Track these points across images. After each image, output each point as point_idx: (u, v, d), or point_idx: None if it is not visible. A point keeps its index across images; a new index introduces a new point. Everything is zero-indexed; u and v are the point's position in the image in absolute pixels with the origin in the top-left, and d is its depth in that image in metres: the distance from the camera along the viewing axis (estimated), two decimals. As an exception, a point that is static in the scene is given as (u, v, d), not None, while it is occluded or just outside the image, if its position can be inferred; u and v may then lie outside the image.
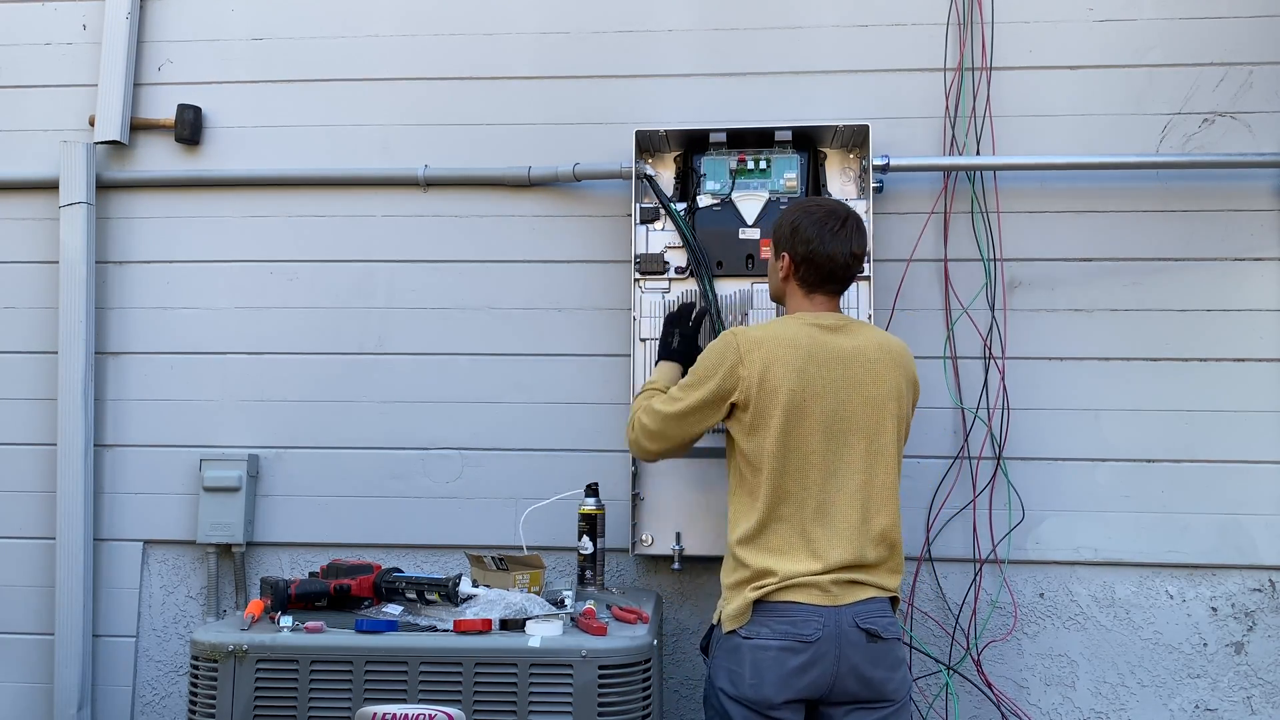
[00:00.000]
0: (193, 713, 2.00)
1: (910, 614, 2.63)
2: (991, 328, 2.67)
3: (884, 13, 2.79)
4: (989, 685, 2.59)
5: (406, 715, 1.92)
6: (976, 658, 2.60)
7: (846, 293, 2.46)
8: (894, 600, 2.07)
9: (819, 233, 2.10)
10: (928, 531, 2.64)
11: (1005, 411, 2.64)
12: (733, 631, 2.00)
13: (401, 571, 2.24)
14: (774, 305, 2.56)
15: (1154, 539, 2.62)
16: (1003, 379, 2.65)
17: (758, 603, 1.98)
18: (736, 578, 2.03)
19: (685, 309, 2.53)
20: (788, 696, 1.95)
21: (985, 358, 2.66)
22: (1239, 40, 2.71)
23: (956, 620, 2.62)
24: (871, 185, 2.61)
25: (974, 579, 2.62)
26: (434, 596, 2.12)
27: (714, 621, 2.09)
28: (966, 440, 2.64)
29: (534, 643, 1.96)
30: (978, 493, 2.62)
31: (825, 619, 1.95)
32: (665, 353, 2.43)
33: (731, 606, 2.02)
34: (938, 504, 2.63)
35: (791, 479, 2.01)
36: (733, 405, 2.07)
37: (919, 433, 2.44)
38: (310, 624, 2.03)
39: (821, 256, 2.10)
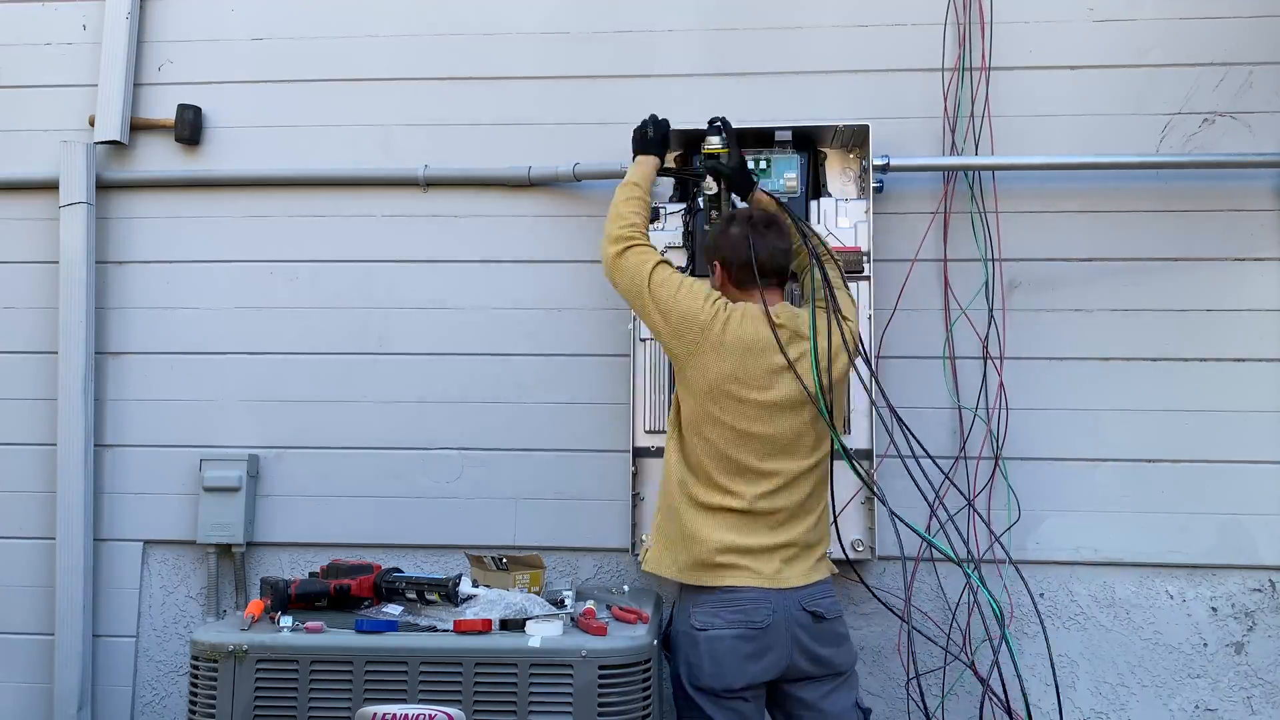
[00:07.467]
0: (193, 713, 2.00)
1: (909, 613, 2.63)
2: (990, 328, 2.67)
3: (884, 13, 2.79)
4: (983, 683, 2.58)
5: (406, 715, 1.92)
6: (970, 659, 2.59)
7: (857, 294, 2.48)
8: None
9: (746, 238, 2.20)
10: (927, 530, 2.62)
11: (1004, 410, 2.63)
12: None
13: (401, 571, 2.24)
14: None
15: (1154, 539, 2.62)
16: (1001, 379, 2.64)
17: None
18: None
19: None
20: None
21: (984, 357, 2.66)
22: (1239, 40, 2.71)
23: (953, 619, 2.62)
24: (872, 185, 2.61)
25: (968, 580, 2.59)
26: (434, 596, 2.12)
27: None
28: (964, 441, 2.64)
29: (534, 643, 1.96)
30: (976, 493, 2.62)
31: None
32: (640, 145, 2.45)
33: None
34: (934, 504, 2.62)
35: None
36: None
37: (920, 433, 2.43)
38: (310, 624, 2.03)
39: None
